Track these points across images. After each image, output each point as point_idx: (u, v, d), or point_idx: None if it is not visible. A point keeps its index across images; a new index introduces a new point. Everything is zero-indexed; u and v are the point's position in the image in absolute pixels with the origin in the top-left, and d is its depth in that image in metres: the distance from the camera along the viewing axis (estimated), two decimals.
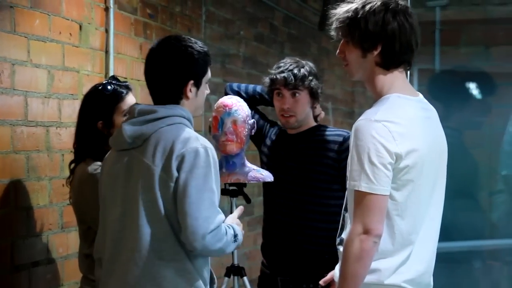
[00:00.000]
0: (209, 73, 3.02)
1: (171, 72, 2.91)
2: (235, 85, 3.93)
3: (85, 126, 3.44)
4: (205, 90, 3.02)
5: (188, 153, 2.78)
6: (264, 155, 3.85)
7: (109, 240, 2.94)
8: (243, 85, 3.93)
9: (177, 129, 2.84)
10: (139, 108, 2.92)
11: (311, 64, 3.77)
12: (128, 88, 3.49)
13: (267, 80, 3.76)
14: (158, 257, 2.83)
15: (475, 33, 6.00)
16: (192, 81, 2.93)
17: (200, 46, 2.96)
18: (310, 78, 3.68)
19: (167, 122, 2.85)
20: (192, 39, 2.99)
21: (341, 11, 2.74)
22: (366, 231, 2.55)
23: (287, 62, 3.73)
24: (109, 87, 3.43)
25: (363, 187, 2.55)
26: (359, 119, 2.63)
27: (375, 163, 2.54)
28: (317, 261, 3.67)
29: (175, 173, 2.78)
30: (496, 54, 5.89)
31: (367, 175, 2.54)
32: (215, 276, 3.06)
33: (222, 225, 2.85)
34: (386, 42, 2.66)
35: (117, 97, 3.43)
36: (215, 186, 2.84)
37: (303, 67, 3.69)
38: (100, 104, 3.41)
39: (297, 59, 3.77)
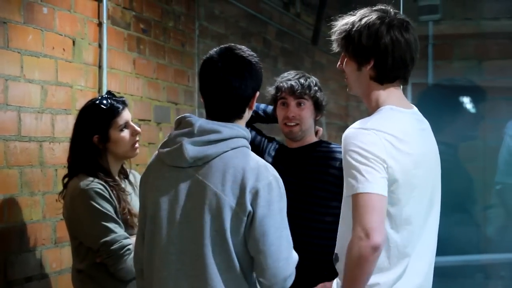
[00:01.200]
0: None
1: (244, 85, 2.74)
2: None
3: (80, 140, 3.44)
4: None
5: (262, 187, 2.64)
6: None
7: (159, 260, 2.76)
8: (261, 106, 3.94)
9: (244, 156, 2.70)
10: (199, 124, 2.72)
11: (315, 78, 3.79)
12: (124, 104, 3.49)
13: (271, 89, 3.76)
14: (221, 287, 2.69)
15: (468, 47, 6.01)
16: (258, 92, 2.82)
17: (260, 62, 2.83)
18: (316, 88, 3.70)
19: (232, 146, 2.70)
20: (247, 49, 2.84)
21: (341, 23, 2.75)
22: (366, 233, 2.50)
23: (292, 73, 3.76)
24: (105, 101, 3.43)
25: (358, 188, 2.53)
26: (348, 128, 2.63)
27: (368, 164, 2.53)
28: (316, 277, 3.65)
29: (249, 208, 2.64)
30: (489, 68, 5.90)
31: (361, 176, 2.53)
32: None
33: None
34: (379, 57, 2.66)
35: (114, 111, 3.43)
36: (287, 220, 2.74)
37: (309, 77, 3.74)
38: (97, 118, 3.41)
39: (302, 72, 3.81)
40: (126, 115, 3.47)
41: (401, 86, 2.78)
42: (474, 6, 6.06)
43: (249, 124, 3.83)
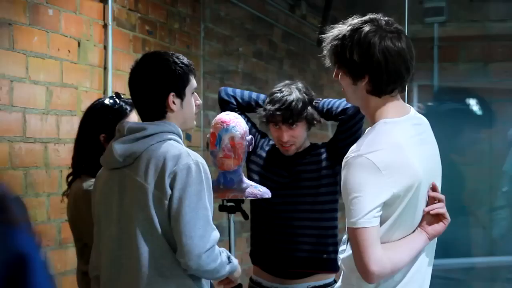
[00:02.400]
0: (193, 83, 2.95)
1: (150, 86, 2.89)
2: (230, 90, 3.88)
3: (86, 138, 3.43)
4: (191, 100, 2.96)
5: (180, 170, 2.76)
6: (255, 165, 3.84)
7: (106, 259, 2.93)
8: (238, 91, 3.89)
9: (168, 146, 2.82)
10: (128, 126, 2.89)
11: (301, 86, 3.71)
12: (132, 106, 3.49)
13: (262, 114, 3.72)
14: (159, 274, 2.81)
15: (473, 49, 6.01)
16: (173, 93, 2.89)
17: (178, 58, 2.92)
18: (306, 109, 3.66)
19: (157, 139, 2.84)
20: (174, 54, 2.96)
21: (330, 36, 2.70)
22: (363, 275, 2.54)
23: (282, 94, 3.67)
24: (114, 101, 3.44)
25: (348, 223, 2.55)
26: (345, 156, 2.62)
27: (358, 198, 2.52)
28: (315, 261, 3.70)
29: (169, 191, 2.76)
30: (494, 70, 5.90)
31: (351, 211, 2.53)
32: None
33: (216, 245, 2.84)
34: (373, 73, 2.62)
35: (122, 112, 3.44)
36: (209, 202, 2.82)
37: (298, 99, 3.65)
38: (105, 117, 3.41)
39: (289, 85, 3.72)
40: (133, 117, 3.47)
41: (401, 93, 2.73)
42: (480, 8, 6.06)
43: (246, 114, 3.83)
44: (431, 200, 2.67)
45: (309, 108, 3.68)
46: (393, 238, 2.61)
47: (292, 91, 3.66)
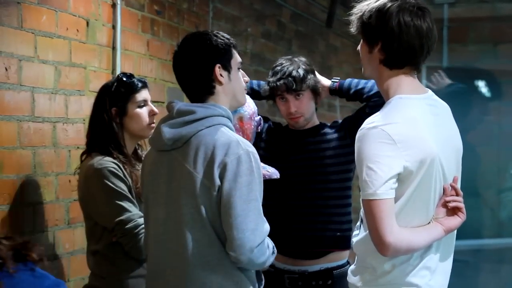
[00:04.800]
0: (237, 57, 2.94)
1: (195, 62, 2.86)
2: (255, 83, 3.92)
3: (99, 113, 3.47)
4: (238, 75, 2.95)
5: (230, 161, 2.71)
6: (264, 150, 3.84)
7: (152, 241, 2.91)
8: (254, 82, 3.93)
9: (217, 132, 2.78)
10: (178, 107, 2.85)
11: (303, 59, 3.76)
12: (145, 84, 3.54)
13: (267, 88, 3.75)
14: (205, 262, 2.78)
15: (483, 30, 5.99)
16: (219, 65, 2.86)
17: (219, 33, 2.92)
18: (309, 76, 3.68)
19: (206, 124, 2.79)
20: (214, 31, 2.96)
21: (360, 5, 2.73)
22: (378, 248, 2.54)
23: (283, 66, 3.71)
24: (126, 78, 3.50)
25: (363, 195, 2.55)
26: (360, 128, 2.62)
27: (373, 169, 2.52)
28: (329, 239, 3.71)
29: (218, 182, 2.72)
30: (504, 51, 5.88)
31: (367, 182, 2.53)
32: (262, 275, 3.01)
33: (266, 238, 2.81)
34: (385, 39, 2.63)
35: (134, 87, 3.50)
36: (259, 193, 2.78)
37: (299, 67, 3.69)
38: (117, 91, 3.47)
39: (290, 58, 3.76)
40: (145, 94, 3.52)
41: (415, 73, 2.73)
42: None
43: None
44: (450, 192, 2.67)
45: (312, 76, 3.70)
46: (408, 220, 2.61)
47: (292, 62, 3.71)
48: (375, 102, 3.59)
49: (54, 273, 3.81)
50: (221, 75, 2.86)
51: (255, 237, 2.73)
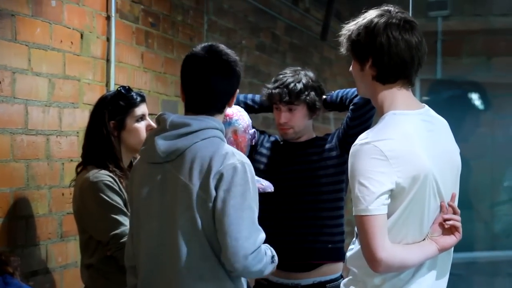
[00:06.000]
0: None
1: (228, 84, 2.89)
2: (241, 97, 3.92)
3: (96, 126, 3.46)
4: None
5: (226, 171, 2.73)
6: (258, 163, 3.84)
7: (144, 254, 2.89)
8: (248, 96, 3.93)
9: (213, 145, 2.79)
10: (171, 120, 2.84)
11: (310, 74, 3.75)
12: (143, 98, 3.54)
13: (264, 94, 3.77)
14: (199, 277, 2.78)
15: (477, 43, 6.00)
16: (238, 90, 2.94)
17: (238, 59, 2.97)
18: (306, 92, 3.67)
19: (202, 136, 2.79)
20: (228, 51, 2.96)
21: (348, 25, 2.73)
22: (370, 264, 2.54)
23: (285, 75, 3.72)
24: (125, 91, 3.50)
25: (356, 211, 2.54)
26: (353, 144, 2.62)
27: (365, 185, 2.52)
28: (321, 251, 3.70)
29: (213, 193, 2.73)
30: (497, 64, 5.89)
31: (359, 198, 2.53)
32: None
33: (262, 246, 2.81)
34: (375, 55, 2.63)
35: (133, 101, 3.49)
36: (254, 203, 2.79)
37: (299, 81, 3.68)
38: (116, 104, 3.47)
39: (297, 69, 3.76)
40: (143, 108, 3.53)
41: (409, 87, 2.73)
42: (483, 2, 6.04)
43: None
44: (448, 210, 2.67)
45: (312, 93, 3.69)
46: (401, 236, 2.60)
47: (295, 74, 3.72)
48: (355, 105, 3.61)
49: (46, 287, 3.81)
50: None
51: (249, 244, 2.74)
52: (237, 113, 3.51)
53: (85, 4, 4.18)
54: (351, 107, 3.63)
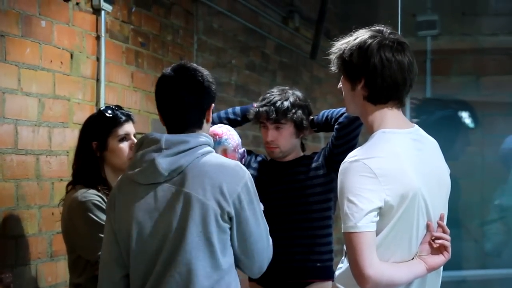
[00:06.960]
0: None
1: (200, 99, 2.89)
2: (222, 113, 3.92)
3: (81, 146, 3.47)
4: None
5: (241, 190, 2.81)
6: None
7: (141, 273, 2.84)
8: (222, 112, 3.93)
9: (215, 159, 2.84)
10: (166, 139, 2.82)
11: (298, 93, 3.77)
12: (129, 117, 3.52)
13: (252, 112, 3.77)
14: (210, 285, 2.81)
15: (466, 63, 6.03)
16: (213, 105, 2.95)
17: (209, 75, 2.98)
18: (294, 111, 3.69)
19: (201, 152, 2.81)
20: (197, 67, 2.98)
21: (338, 44, 2.74)
22: (358, 280, 2.53)
23: (272, 94, 3.74)
24: (110, 111, 3.49)
25: (344, 228, 2.54)
26: (343, 162, 2.62)
27: (354, 202, 2.52)
28: (310, 270, 3.70)
29: (232, 212, 2.78)
30: (486, 84, 5.92)
31: (347, 215, 2.53)
32: None
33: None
34: (368, 76, 2.64)
35: (116, 121, 3.48)
36: (260, 209, 2.91)
37: (286, 99, 3.70)
38: (98, 124, 3.47)
39: (285, 88, 3.78)
40: (128, 127, 3.50)
41: (400, 107, 2.74)
42: (472, 21, 6.08)
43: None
44: (437, 230, 2.67)
45: (299, 111, 3.70)
46: (389, 254, 2.60)
47: (283, 93, 3.74)
48: (340, 124, 3.63)
49: None
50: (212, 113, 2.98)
51: (269, 252, 2.93)
52: (226, 132, 3.52)
53: (75, 24, 4.19)
54: (336, 126, 3.64)
